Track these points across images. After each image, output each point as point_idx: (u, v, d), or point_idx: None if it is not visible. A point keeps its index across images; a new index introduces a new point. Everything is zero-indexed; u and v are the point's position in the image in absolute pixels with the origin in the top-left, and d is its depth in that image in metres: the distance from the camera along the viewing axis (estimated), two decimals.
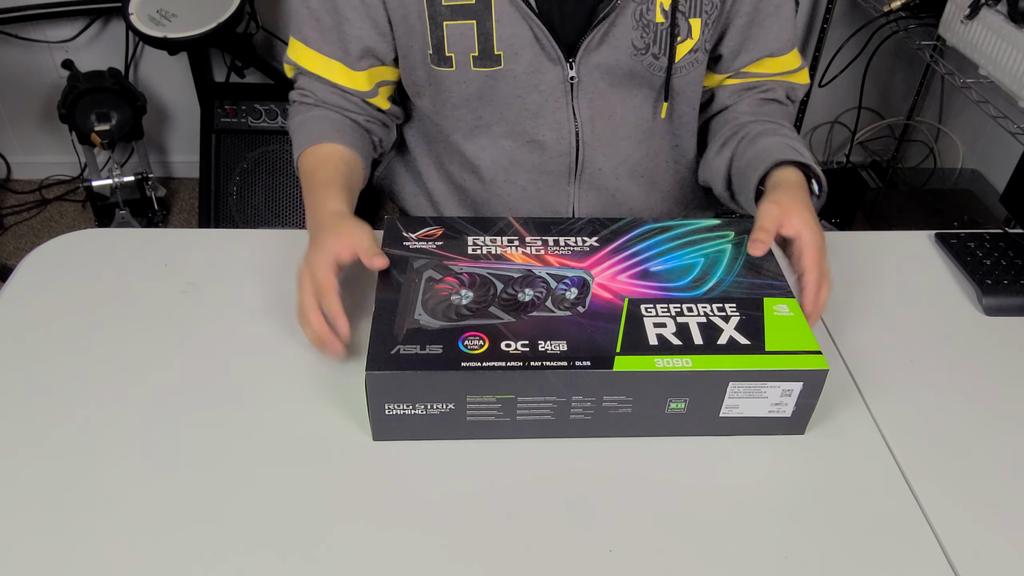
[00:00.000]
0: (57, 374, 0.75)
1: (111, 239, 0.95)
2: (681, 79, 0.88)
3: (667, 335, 0.69)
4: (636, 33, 0.83)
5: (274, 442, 0.70)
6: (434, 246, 0.77)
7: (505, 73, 0.84)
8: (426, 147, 0.99)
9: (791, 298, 0.74)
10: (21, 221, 2.36)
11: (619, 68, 0.85)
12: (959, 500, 0.67)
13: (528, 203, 0.95)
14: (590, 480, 0.67)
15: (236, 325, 0.81)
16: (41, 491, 0.65)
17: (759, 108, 0.94)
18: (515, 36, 0.82)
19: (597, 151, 0.91)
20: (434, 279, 0.73)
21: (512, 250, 0.77)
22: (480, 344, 0.67)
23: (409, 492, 0.66)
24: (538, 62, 0.84)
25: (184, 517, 0.63)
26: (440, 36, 0.82)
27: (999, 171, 2.06)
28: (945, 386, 0.78)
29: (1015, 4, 1.41)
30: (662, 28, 0.83)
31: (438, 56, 0.84)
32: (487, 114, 0.88)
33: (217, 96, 2.17)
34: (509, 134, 0.90)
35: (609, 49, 0.84)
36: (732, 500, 0.66)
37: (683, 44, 0.85)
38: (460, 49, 0.83)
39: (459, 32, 0.82)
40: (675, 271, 0.76)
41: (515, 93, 0.86)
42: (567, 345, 0.67)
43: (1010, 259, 0.93)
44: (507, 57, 0.83)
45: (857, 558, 0.62)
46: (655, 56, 0.85)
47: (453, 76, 0.85)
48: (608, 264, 0.76)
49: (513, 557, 0.61)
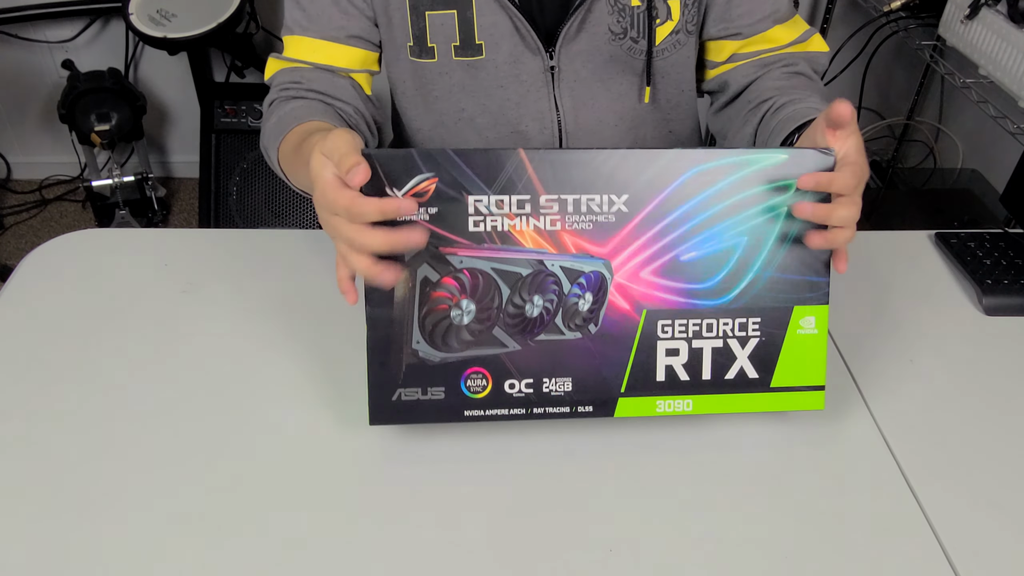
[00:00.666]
0: (57, 374, 0.75)
1: (111, 239, 0.95)
2: (664, 61, 0.88)
3: (676, 367, 0.67)
4: (612, 18, 0.83)
5: (274, 442, 0.70)
6: (427, 216, 0.62)
7: (487, 63, 0.84)
8: (410, 146, 0.98)
9: (823, 305, 0.68)
10: (21, 221, 2.36)
11: (599, 55, 0.85)
12: (959, 500, 0.67)
13: None
14: (590, 480, 0.67)
15: (236, 325, 0.81)
16: (41, 491, 0.65)
17: (786, 83, 0.86)
18: (495, 25, 0.82)
19: (581, 140, 0.91)
20: (430, 281, 0.64)
21: (522, 223, 0.64)
22: (483, 385, 0.66)
23: (409, 491, 0.66)
24: (518, 52, 0.84)
25: (184, 517, 0.63)
26: (422, 27, 0.83)
27: (999, 171, 2.06)
28: (945, 386, 0.78)
29: (1015, 4, 1.41)
30: (639, 11, 0.83)
31: (419, 47, 0.84)
32: (470, 106, 0.88)
33: (217, 96, 2.17)
34: (493, 125, 0.90)
35: (587, 36, 0.84)
36: (732, 500, 0.66)
37: (663, 26, 0.85)
38: (442, 39, 0.83)
39: (440, 22, 0.82)
40: (708, 262, 0.66)
41: (496, 83, 0.86)
42: (572, 383, 0.67)
43: (1010, 259, 0.93)
44: (488, 47, 0.83)
45: (857, 558, 0.62)
46: (634, 40, 0.85)
47: (435, 67, 0.85)
48: (634, 247, 0.65)
49: (513, 557, 0.61)
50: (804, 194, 0.65)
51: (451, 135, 0.92)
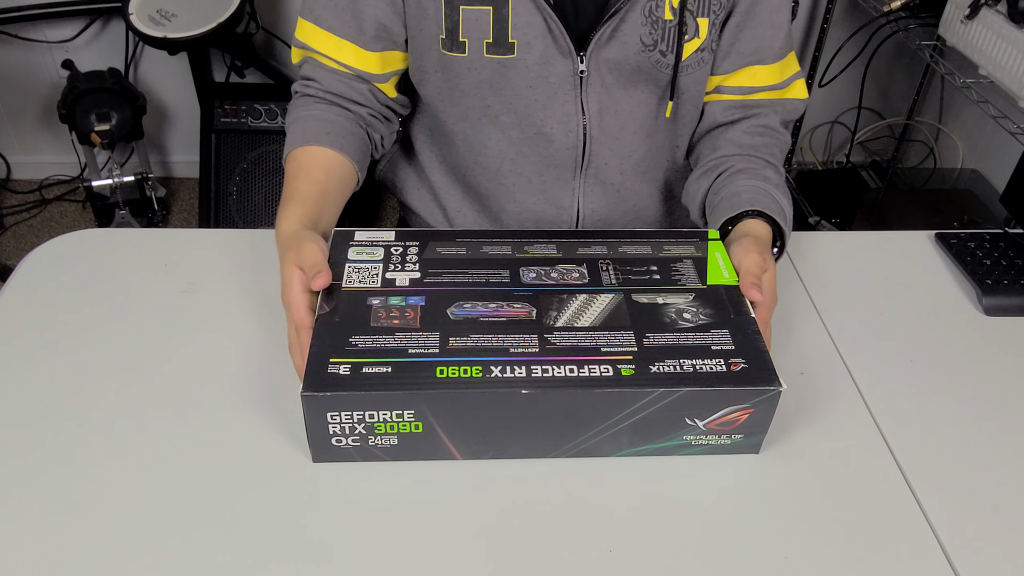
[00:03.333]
0: (57, 374, 0.75)
1: (111, 239, 0.94)
2: (687, 78, 0.88)
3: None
4: (645, 29, 0.83)
5: (274, 442, 0.70)
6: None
7: (517, 62, 0.84)
8: (429, 139, 0.98)
9: None
10: (21, 221, 2.36)
11: (627, 64, 0.86)
12: (959, 500, 0.67)
13: (533, 195, 0.95)
14: (590, 479, 0.67)
15: (236, 325, 0.81)
16: (40, 491, 0.65)
17: (749, 140, 0.91)
18: (529, 25, 0.82)
19: (604, 146, 0.91)
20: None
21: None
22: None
23: (409, 490, 0.66)
24: (549, 53, 0.84)
25: (184, 517, 0.63)
26: (456, 20, 0.82)
27: (999, 171, 2.06)
28: (945, 386, 0.78)
29: (1015, 4, 1.41)
30: (670, 25, 0.83)
31: (451, 41, 0.84)
32: (496, 103, 0.88)
33: (217, 96, 2.17)
34: (517, 125, 0.90)
35: (619, 44, 0.84)
36: (732, 499, 0.66)
37: (690, 43, 0.85)
38: (475, 35, 0.83)
39: (475, 17, 0.82)
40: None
41: (526, 83, 0.86)
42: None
43: (1010, 259, 0.93)
44: (520, 46, 0.83)
45: (857, 558, 0.62)
46: (662, 53, 0.85)
47: (465, 62, 0.85)
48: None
49: (513, 557, 0.61)
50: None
51: (474, 130, 0.91)
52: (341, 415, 0.63)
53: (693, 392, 0.64)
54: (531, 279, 0.73)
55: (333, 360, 0.64)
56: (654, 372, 0.64)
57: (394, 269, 0.73)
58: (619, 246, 0.77)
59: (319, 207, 0.80)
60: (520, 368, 0.64)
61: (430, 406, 0.63)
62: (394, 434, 0.65)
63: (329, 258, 0.73)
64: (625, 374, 0.64)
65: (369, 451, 0.66)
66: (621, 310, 0.70)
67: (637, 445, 0.68)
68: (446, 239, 0.77)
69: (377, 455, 0.67)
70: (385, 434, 0.65)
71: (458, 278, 0.72)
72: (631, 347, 0.66)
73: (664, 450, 0.68)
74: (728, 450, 0.69)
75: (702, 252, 0.77)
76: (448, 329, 0.67)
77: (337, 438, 0.65)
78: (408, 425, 0.64)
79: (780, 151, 0.93)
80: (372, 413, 0.63)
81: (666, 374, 0.64)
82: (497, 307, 0.69)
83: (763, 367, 0.65)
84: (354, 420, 0.64)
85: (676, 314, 0.70)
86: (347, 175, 0.86)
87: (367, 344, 0.65)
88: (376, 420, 0.64)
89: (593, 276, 0.73)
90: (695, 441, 0.68)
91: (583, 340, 0.67)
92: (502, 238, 0.77)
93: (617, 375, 0.64)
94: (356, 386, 0.62)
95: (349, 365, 0.64)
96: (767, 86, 0.92)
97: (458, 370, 0.63)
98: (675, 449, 0.68)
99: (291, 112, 0.90)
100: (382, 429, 0.65)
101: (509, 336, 0.66)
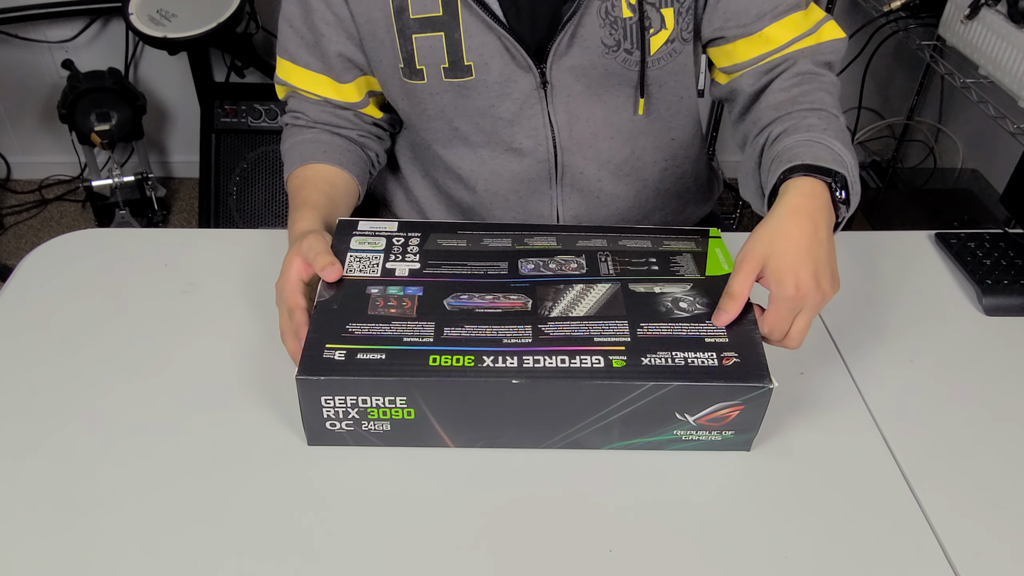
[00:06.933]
0: (57, 374, 0.75)
1: (111, 239, 0.95)
2: (661, 71, 0.87)
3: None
4: (604, 31, 0.82)
5: (275, 442, 0.70)
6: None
7: (477, 83, 0.84)
8: (411, 155, 0.99)
9: None
10: (21, 221, 2.36)
11: (593, 68, 0.84)
12: (959, 500, 0.67)
13: (512, 211, 0.95)
14: (590, 478, 0.67)
15: (236, 325, 0.81)
16: (40, 491, 0.65)
17: (785, 96, 0.82)
18: (484, 46, 0.82)
19: (576, 155, 0.91)
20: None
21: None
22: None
23: (408, 489, 0.66)
24: (508, 71, 0.83)
25: (184, 517, 0.63)
26: (410, 49, 0.83)
27: (999, 171, 2.06)
28: (945, 386, 0.78)
29: (1015, 4, 1.41)
30: (631, 23, 0.82)
31: (409, 69, 0.84)
32: (463, 124, 0.88)
33: (217, 96, 2.17)
34: (487, 143, 0.90)
35: (579, 50, 0.83)
36: (732, 499, 0.66)
37: (657, 36, 0.83)
38: (431, 61, 0.83)
39: (428, 44, 0.82)
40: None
41: (488, 103, 0.86)
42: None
43: (1010, 259, 0.93)
44: (478, 67, 0.83)
45: (857, 558, 0.62)
46: (628, 52, 0.84)
47: (426, 88, 0.85)
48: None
49: (513, 557, 0.61)
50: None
51: (447, 151, 0.92)
52: (335, 399, 0.64)
53: (683, 387, 0.64)
54: (529, 271, 0.73)
55: (329, 346, 0.65)
56: (645, 364, 0.64)
57: (395, 259, 0.74)
58: (619, 239, 0.77)
59: (329, 214, 0.82)
60: (512, 358, 0.64)
61: (422, 393, 0.64)
62: (387, 420, 0.66)
63: (332, 246, 0.74)
64: (616, 365, 0.64)
65: (362, 436, 0.67)
66: (617, 299, 0.70)
67: (628, 438, 0.68)
68: (448, 231, 0.78)
69: (370, 440, 0.68)
70: (378, 419, 0.66)
71: (457, 269, 0.73)
72: (624, 337, 0.66)
73: (655, 444, 0.69)
74: (719, 446, 0.69)
75: (702, 248, 0.77)
76: (444, 319, 0.67)
77: (331, 422, 0.66)
78: (400, 411, 0.65)
79: (826, 92, 0.81)
80: (365, 398, 0.64)
81: (657, 367, 0.64)
82: (493, 299, 0.70)
83: (756, 363, 0.65)
84: (347, 405, 0.65)
85: (672, 303, 0.70)
86: (349, 188, 0.89)
87: (363, 331, 0.66)
88: (369, 405, 0.65)
89: (591, 266, 0.74)
90: (685, 436, 0.68)
91: (577, 329, 0.67)
92: (503, 231, 0.78)
93: (608, 367, 0.64)
94: (350, 371, 0.63)
95: (344, 351, 0.64)
96: (786, 43, 0.84)
97: (451, 359, 0.64)
98: (666, 444, 0.69)
99: (285, 140, 0.92)
100: (375, 414, 0.65)
101: (503, 326, 0.67)
